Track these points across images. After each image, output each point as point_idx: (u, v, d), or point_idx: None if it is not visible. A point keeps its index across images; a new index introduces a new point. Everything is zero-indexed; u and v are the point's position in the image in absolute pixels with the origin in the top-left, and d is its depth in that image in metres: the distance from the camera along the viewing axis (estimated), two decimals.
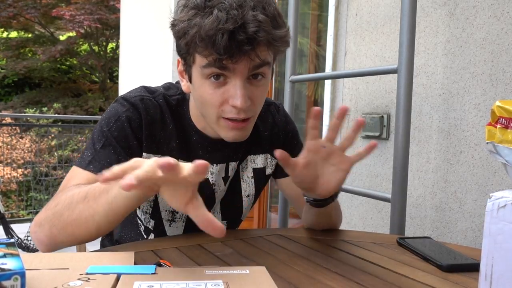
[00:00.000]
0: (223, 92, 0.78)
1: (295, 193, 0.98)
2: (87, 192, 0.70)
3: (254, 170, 0.99)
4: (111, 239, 1.05)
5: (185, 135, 0.90)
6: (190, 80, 0.82)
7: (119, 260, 0.65)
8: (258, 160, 0.99)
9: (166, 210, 0.93)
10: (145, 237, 0.97)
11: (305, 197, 0.87)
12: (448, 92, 1.44)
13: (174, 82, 0.96)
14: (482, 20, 1.34)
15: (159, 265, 0.67)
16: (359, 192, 1.49)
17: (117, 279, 0.56)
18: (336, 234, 0.99)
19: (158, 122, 0.87)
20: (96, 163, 0.80)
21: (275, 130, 1.00)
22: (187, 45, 0.76)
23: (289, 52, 1.67)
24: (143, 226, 0.97)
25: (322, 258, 0.79)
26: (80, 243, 0.76)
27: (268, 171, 1.01)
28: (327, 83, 1.93)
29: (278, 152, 0.71)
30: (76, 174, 0.80)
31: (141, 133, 0.85)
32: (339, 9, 1.88)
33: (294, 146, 1.02)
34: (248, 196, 1.00)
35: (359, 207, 1.77)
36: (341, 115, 0.77)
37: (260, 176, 1.00)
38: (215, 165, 0.92)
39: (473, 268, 0.74)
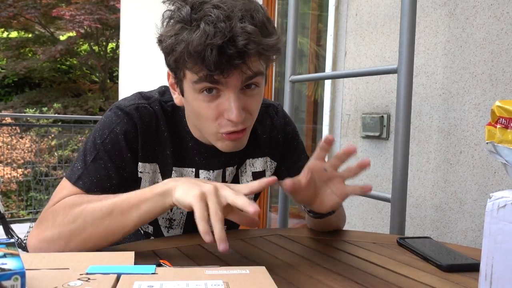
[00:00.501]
0: (217, 105, 0.76)
1: None
2: (113, 207, 0.71)
3: (254, 174, 0.97)
4: None
5: (181, 142, 0.89)
6: (182, 93, 0.81)
7: (119, 260, 0.65)
8: (257, 164, 0.98)
9: (163, 218, 0.93)
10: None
11: (303, 207, 0.88)
12: (448, 92, 1.44)
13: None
14: (482, 20, 1.34)
15: (159, 265, 0.67)
16: None
17: (117, 279, 0.56)
18: (336, 234, 0.99)
19: (153, 130, 0.86)
20: (86, 179, 0.79)
21: (274, 132, 0.98)
22: (176, 61, 0.74)
23: (289, 52, 1.67)
24: (142, 231, 0.97)
25: (322, 258, 0.79)
26: (99, 250, 0.77)
27: (268, 174, 0.99)
28: (327, 83, 1.93)
29: (288, 186, 0.72)
30: (67, 188, 0.80)
31: (137, 144, 0.84)
32: (339, 9, 1.88)
33: (294, 147, 1.01)
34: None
35: (359, 207, 1.77)
36: (347, 153, 0.76)
37: (259, 179, 0.99)
38: (211, 171, 0.91)
39: (473, 268, 0.74)
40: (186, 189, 0.67)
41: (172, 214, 0.92)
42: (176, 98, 0.85)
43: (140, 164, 0.85)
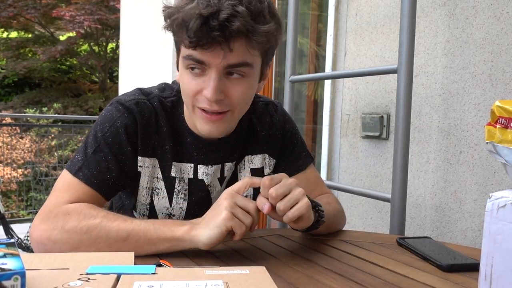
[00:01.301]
0: (199, 83, 0.78)
1: None
2: (128, 234, 0.73)
3: (252, 170, 0.98)
4: None
5: (179, 137, 0.90)
6: (178, 69, 0.84)
7: (119, 260, 0.65)
8: (256, 160, 0.98)
9: (162, 213, 0.93)
10: None
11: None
12: (448, 92, 1.44)
13: (170, 83, 0.96)
14: (482, 20, 1.34)
15: (159, 265, 0.67)
16: (359, 192, 1.49)
17: (117, 279, 0.56)
18: (336, 234, 0.99)
19: (153, 125, 0.87)
20: (86, 171, 0.81)
21: (273, 130, 0.99)
22: (173, 33, 0.79)
23: (289, 52, 1.67)
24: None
25: (322, 258, 0.79)
26: None
27: (267, 171, 1.00)
28: (327, 83, 1.93)
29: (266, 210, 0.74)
30: (67, 180, 0.81)
31: (136, 138, 0.85)
32: (339, 9, 1.88)
33: (293, 145, 1.01)
34: (246, 196, 0.99)
35: (359, 207, 1.77)
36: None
37: (258, 176, 0.99)
38: (210, 166, 0.92)
39: (473, 268, 0.74)
40: (210, 234, 0.72)
41: (171, 209, 0.93)
42: (177, 75, 0.87)
43: (139, 158, 0.86)
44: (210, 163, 0.92)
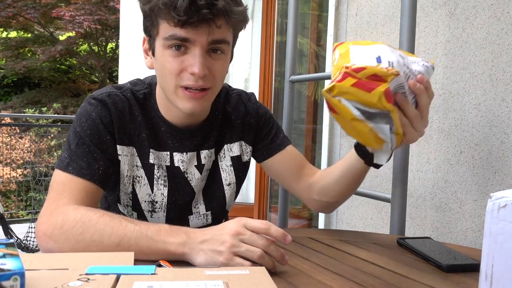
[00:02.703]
0: (183, 61, 0.82)
1: (283, 168, 1.04)
2: (120, 241, 0.72)
3: (232, 158, 1.02)
4: None
5: (154, 126, 0.93)
6: (153, 53, 0.87)
7: (119, 260, 0.64)
8: (235, 148, 1.02)
9: (145, 201, 0.95)
10: None
11: (362, 159, 0.94)
12: (448, 92, 1.44)
13: (142, 78, 1.00)
14: (482, 20, 1.34)
15: (159, 265, 0.67)
16: (359, 192, 1.48)
17: (117, 280, 0.56)
18: (336, 234, 0.99)
19: (127, 115, 0.90)
20: (74, 164, 0.83)
21: (247, 117, 1.03)
22: (151, 10, 0.81)
23: (289, 52, 1.67)
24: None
25: (322, 258, 0.79)
26: None
27: (245, 158, 1.03)
28: (327, 83, 1.92)
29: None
30: (61, 179, 0.83)
31: (113, 127, 0.88)
32: (339, 9, 1.88)
33: (269, 129, 1.05)
34: (229, 184, 1.02)
35: (359, 207, 1.77)
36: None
37: (238, 164, 1.02)
38: (185, 153, 0.95)
39: (473, 268, 0.74)
40: (208, 256, 0.69)
41: (154, 195, 0.95)
42: (148, 61, 0.91)
43: (118, 147, 0.90)
44: (185, 150, 0.95)
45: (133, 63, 4.16)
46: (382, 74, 0.67)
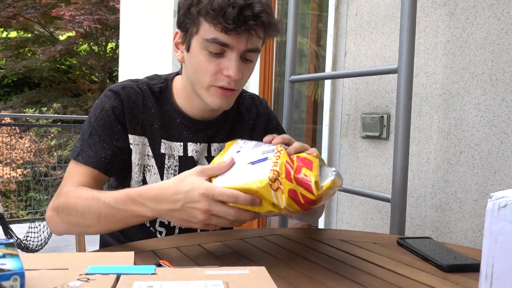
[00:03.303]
0: (219, 63, 0.88)
1: None
2: (98, 214, 0.80)
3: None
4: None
5: (168, 118, 0.99)
6: (188, 49, 0.91)
7: (119, 260, 0.64)
8: None
9: None
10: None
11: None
12: (448, 92, 1.43)
13: (160, 74, 1.05)
14: (482, 20, 1.34)
15: (159, 265, 0.67)
16: (359, 192, 1.49)
17: (117, 279, 0.56)
18: (336, 234, 0.99)
19: (140, 106, 0.96)
20: (84, 154, 0.92)
21: (258, 120, 1.10)
22: (198, 13, 0.86)
23: (289, 52, 1.67)
24: None
25: (322, 258, 0.79)
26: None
27: None
28: (327, 83, 1.93)
29: None
30: (71, 167, 0.93)
31: (124, 118, 0.94)
32: (339, 9, 1.88)
33: (276, 131, 1.11)
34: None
35: (359, 207, 1.77)
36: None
37: None
38: (199, 143, 1.01)
39: (474, 268, 0.74)
40: (180, 223, 0.74)
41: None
42: (179, 55, 0.96)
43: (130, 136, 0.96)
44: (199, 141, 1.01)
45: (133, 63, 4.17)
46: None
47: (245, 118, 1.08)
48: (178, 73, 1.05)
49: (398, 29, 1.27)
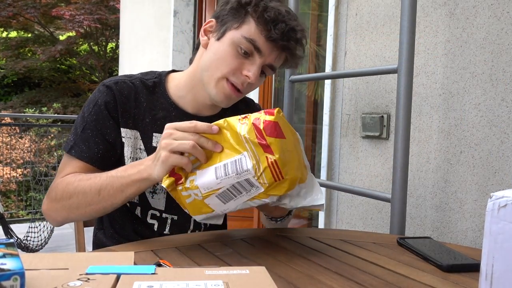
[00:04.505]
0: (243, 62, 0.92)
1: None
2: (99, 189, 0.85)
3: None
4: (102, 229, 1.08)
5: (163, 111, 1.00)
6: (219, 38, 0.93)
7: (119, 260, 0.65)
8: None
9: None
10: (133, 211, 1.02)
11: (265, 215, 1.01)
12: (448, 92, 1.44)
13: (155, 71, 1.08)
14: (482, 20, 1.34)
15: (159, 265, 0.67)
16: (359, 192, 1.49)
17: (117, 279, 0.56)
18: (336, 234, 0.99)
19: (132, 100, 0.98)
20: (77, 148, 0.94)
21: None
22: (253, 12, 0.90)
23: None
24: (128, 203, 1.01)
25: (322, 258, 0.79)
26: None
27: None
28: (327, 83, 1.93)
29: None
30: (65, 160, 0.96)
31: (116, 112, 0.96)
32: (339, 9, 1.88)
33: None
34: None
35: (359, 207, 1.77)
36: None
37: None
38: None
39: (474, 268, 0.74)
40: (158, 166, 0.78)
41: None
42: (204, 40, 0.98)
43: (122, 129, 0.97)
44: None
45: (133, 63, 4.16)
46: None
47: None
48: (173, 70, 1.08)
49: (398, 29, 1.27)
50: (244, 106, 1.12)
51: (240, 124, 0.74)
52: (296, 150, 0.75)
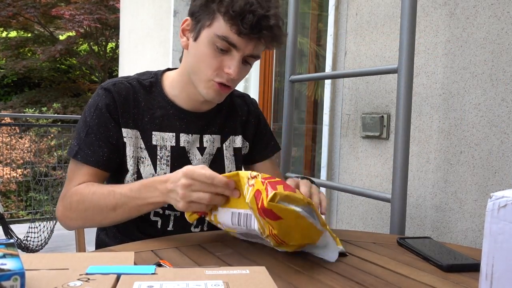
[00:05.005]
0: (222, 60, 0.92)
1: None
2: (115, 205, 0.88)
3: (235, 149, 1.12)
4: (105, 230, 1.09)
5: (161, 109, 1.02)
6: (195, 38, 0.94)
7: (119, 260, 0.65)
8: (238, 141, 1.12)
9: None
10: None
11: None
12: (448, 92, 1.44)
13: (150, 71, 1.09)
14: (483, 19, 1.34)
15: (159, 265, 0.67)
16: (359, 192, 1.49)
17: (117, 279, 0.56)
18: (336, 234, 0.98)
19: (131, 100, 0.99)
20: (82, 152, 0.96)
21: (250, 117, 1.15)
22: (218, 10, 0.89)
23: (289, 52, 1.67)
24: None
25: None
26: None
27: (244, 151, 1.14)
28: (327, 83, 1.93)
29: None
30: (72, 166, 0.97)
31: (117, 113, 0.98)
32: (339, 9, 1.88)
33: (264, 135, 1.19)
34: (230, 171, 1.07)
35: (359, 207, 1.77)
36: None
37: (239, 156, 1.13)
38: (190, 134, 1.04)
39: (474, 268, 0.74)
40: (174, 203, 0.83)
41: (157, 175, 1.01)
42: (184, 41, 0.98)
43: (123, 130, 0.99)
44: (191, 132, 1.04)
45: (133, 63, 4.16)
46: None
47: (239, 114, 1.13)
48: (168, 69, 1.09)
49: (398, 29, 1.27)
50: (240, 101, 1.15)
51: (247, 186, 0.76)
52: (298, 224, 0.74)
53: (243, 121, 1.14)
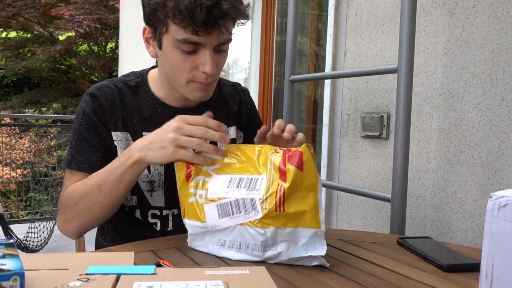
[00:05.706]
0: (194, 60, 0.89)
1: None
2: (99, 186, 0.87)
3: (231, 140, 1.09)
4: (103, 234, 1.08)
5: (150, 109, 1.00)
6: (159, 46, 0.91)
7: (119, 261, 0.64)
8: (231, 132, 1.10)
9: (143, 182, 1.00)
10: (133, 214, 1.02)
11: None
12: (448, 92, 1.43)
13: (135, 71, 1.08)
14: (482, 19, 1.34)
15: (159, 265, 0.67)
16: (359, 192, 1.49)
17: (117, 280, 0.56)
18: (336, 234, 0.99)
19: (118, 103, 0.98)
20: (75, 160, 0.95)
21: (242, 107, 1.13)
22: (165, 16, 0.85)
23: (288, 52, 1.67)
24: (127, 207, 1.02)
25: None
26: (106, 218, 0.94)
27: (238, 141, 1.13)
28: (327, 83, 1.93)
29: (263, 128, 0.95)
30: (67, 175, 0.97)
31: (105, 117, 0.97)
32: (339, 9, 1.88)
33: (257, 124, 1.16)
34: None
35: (359, 207, 1.77)
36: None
37: None
38: None
39: (474, 268, 0.74)
40: (157, 153, 0.81)
41: (151, 176, 1.00)
42: (151, 51, 0.95)
43: (113, 133, 0.98)
44: None
45: (132, 63, 4.16)
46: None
47: (230, 104, 1.11)
48: (154, 66, 1.06)
49: (398, 29, 1.27)
50: (231, 90, 1.13)
51: (275, 152, 0.78)
52: (308, 194, 0.73)
53: (235, 111, 1.12)
